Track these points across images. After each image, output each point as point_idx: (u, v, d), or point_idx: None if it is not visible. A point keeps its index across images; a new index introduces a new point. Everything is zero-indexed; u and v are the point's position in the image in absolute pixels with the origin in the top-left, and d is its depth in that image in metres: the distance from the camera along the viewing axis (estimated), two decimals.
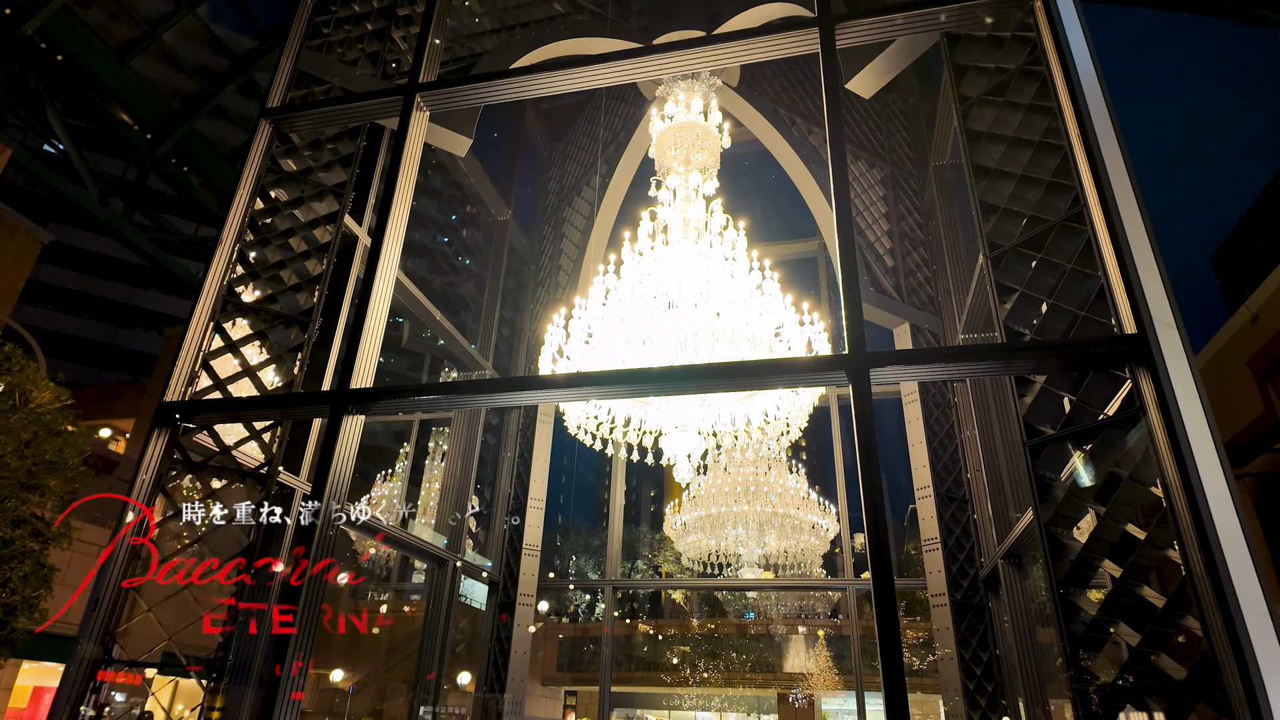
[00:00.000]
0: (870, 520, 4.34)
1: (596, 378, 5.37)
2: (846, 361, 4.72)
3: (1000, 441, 10.00)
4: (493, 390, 5.46)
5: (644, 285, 8.56)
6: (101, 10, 11.24)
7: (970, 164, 5.98)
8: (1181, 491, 4.05)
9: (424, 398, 5.53)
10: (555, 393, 5.41)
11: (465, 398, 5.59)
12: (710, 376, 5.15)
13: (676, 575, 34.52)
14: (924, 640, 28.29)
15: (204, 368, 6.34)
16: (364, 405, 5.53)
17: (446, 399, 5.61)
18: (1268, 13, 12.21)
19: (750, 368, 5.27)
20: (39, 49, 10.88)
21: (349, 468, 5.58)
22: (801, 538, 14.96)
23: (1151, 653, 4.21)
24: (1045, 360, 4.67)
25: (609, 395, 5.24)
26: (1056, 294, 5.15)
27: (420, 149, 6.98)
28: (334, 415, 5.44)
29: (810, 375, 4.86)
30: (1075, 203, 5.25)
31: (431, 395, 5.54)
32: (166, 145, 12.46)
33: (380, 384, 6.29)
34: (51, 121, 11.70)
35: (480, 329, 12.55)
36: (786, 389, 7.85)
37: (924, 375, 4.92)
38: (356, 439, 5.74)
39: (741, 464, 14.83)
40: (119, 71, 11.34)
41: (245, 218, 6.85)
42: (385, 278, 6.14)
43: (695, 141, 10.33)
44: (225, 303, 6.65)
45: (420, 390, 5.52)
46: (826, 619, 27.48)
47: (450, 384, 5.17)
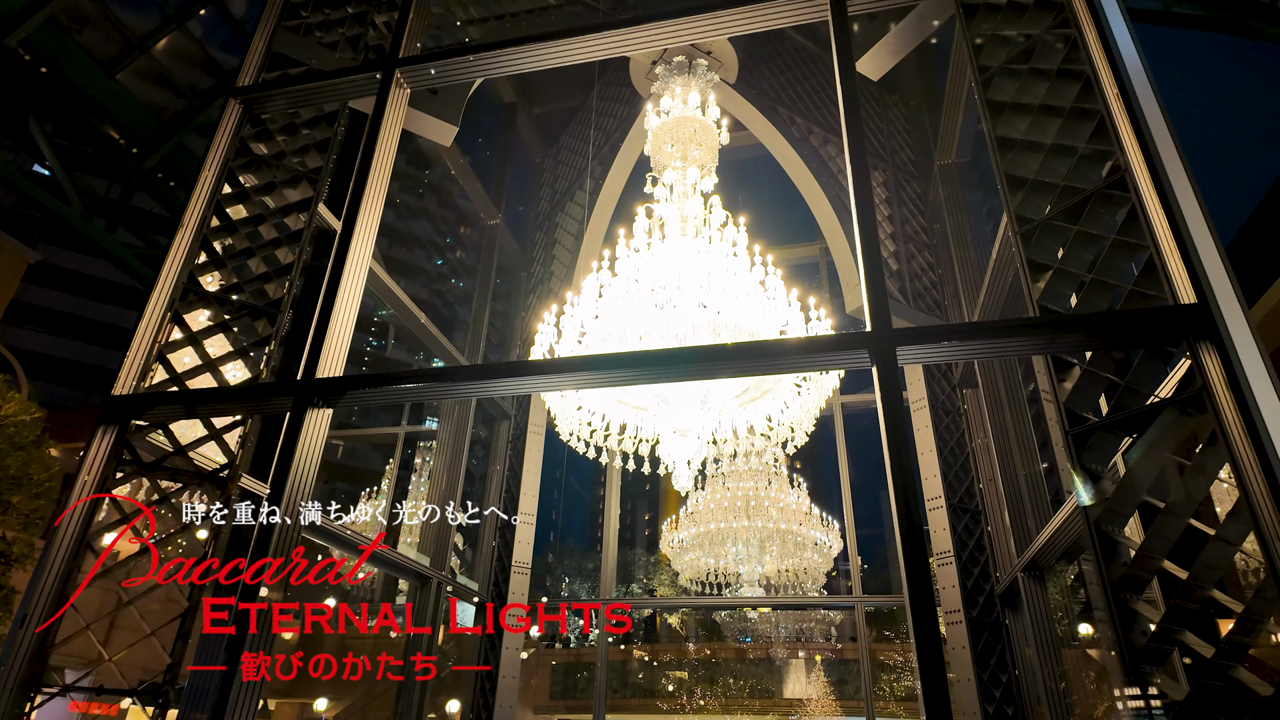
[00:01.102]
0: (903, 516, 3.80)
1: (593, 362, 4.83)
2: (870, 340, 4.21)
3: (1016, 447, 9.49)
4: (476, 378, 4.92)
5: (640, 280, 8.07)
6: (91, 28, 10.88)
7: (994, 138, 5.52)
8: (1261, 478, 3.52)
9: (400, 387, 4.97)
10: (546, 379, 4.90)
11: (445, 386, 5.03)
12: (716, 359, 4.63)
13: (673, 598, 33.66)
14: None
15: (159, 361, 5.79)
16: (330, 397, 4.98)
17: (425, 387, 5.05)
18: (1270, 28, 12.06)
19: (761, 348, 4.74)
20: (23, 61, 10.46)
21: (312, 468, 5.02)
22: (804, 555, 14.35)
23: (1229, 665, 3.66)
24: (1093, 334, 4.16)
25: (606, 381, 4.73)
26: (1097, 268, 4.66)
27: (399, 129, 6.50)
28: (297, 408, 4.89)
29: (829, 356, 4.35)
30: (1115, 169, 4.78)
31: (408, 384, 4.99)
32: (153, 160, 11.98)
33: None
34: (35, 135, 11.22)
35: (469, 336, 12.01)
36: (792, 378, 7.35)
37: (957, 354, 4.43)
38: (322, 436, 5.18)
39: (741, 477, 14.26)
40: (106, 85, 10.92)
41: (209, 201, 6.34)
42: (358, 258, 5.63)
43: (692, 137, 9.90)
44: (186, 292, 6.11)
45: (395, 379, 4.97)
46: (825, 643, 26.72)
47: (429, 370, 4.65)
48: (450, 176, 11.91)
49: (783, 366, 4.64)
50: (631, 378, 4.89)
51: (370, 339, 40.30)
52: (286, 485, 4.71)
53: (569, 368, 4.87)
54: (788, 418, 8.82)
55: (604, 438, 9.02)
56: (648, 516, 66.97)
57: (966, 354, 4.38)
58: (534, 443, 12.03)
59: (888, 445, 3.95)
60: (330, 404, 5.05)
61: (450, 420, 11.22)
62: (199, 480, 5.67)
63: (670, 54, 10.61)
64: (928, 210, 12.09)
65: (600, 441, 8.97)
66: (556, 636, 33.39)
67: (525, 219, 13.96)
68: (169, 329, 5.90)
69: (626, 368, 4.75)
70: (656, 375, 4.82)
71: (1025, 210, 5.16)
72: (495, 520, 11.90)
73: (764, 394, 8.88)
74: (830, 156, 12.28)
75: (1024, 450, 9.53)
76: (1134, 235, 4.59)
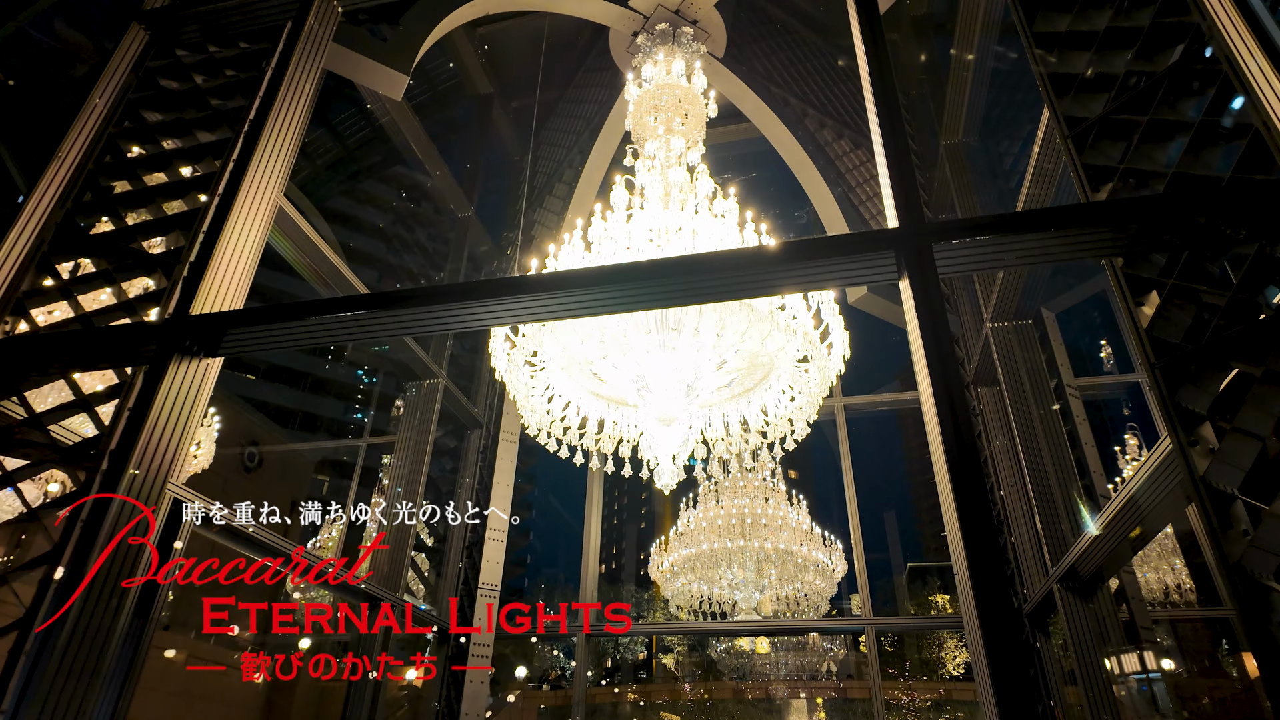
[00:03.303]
0: (952, 457, 2.74)
1: (560, 280, 3.73)
2: (895, 238, 3.19)
3: (1045, 446, 8.43)
4: (419, 303, 3.78)
5: (618, 243, 7.06)
6: None
7: (1030, 38, 4.58)
8: None
9: (307, 321, 3.85)
10: (498, 305, 3.79)
11: (371, 319, 3.88)
12: (701, 271, 3.57)
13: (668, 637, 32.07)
14: (938, 701, 25.96)
15: (17, 313, 4.71)
16: (209, 339, 3.89)
17: (346, 320, 3.91)
18: None
19: (757, 255, 3.68)
20: None
21: (183, 434, 3.92)
22: (805, 579, 13.10)
23: None
24: (1195, 211, 3.12)
25: (576, 307, 3.68)
26: (1180, 160, 3.66)
27: (324, 50, 5.53)
28: (160, 356, 3.80)
29: (843, 263, 3.29)
30: (1194, 42, 3.81)
31: (319, 316, 3.86)
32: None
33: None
34: None
35: (434, 337, 10.95)
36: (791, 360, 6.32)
37: (1013, 255, 3.35)
38: (203, 395, 4.08)
39: (737, 493, 13.07)
40: None
41: (97, 132, 5.32)
42: (263, 177, 4.59)
43: (676, 106, 8.98)
44: (63, 234, 5.07)
45: (299, 310, 3.86)
46: (828, 680, 25.22)
47: (347, 299, 3.58)
48: (419, 163, 10.96)
49: (785, 279, 3.59)
50: (605, 299, 3.84)
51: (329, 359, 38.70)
52: (136, 457, 3.60)
53: (529, 287, 3.80)
54: (785, 410, 7.78)
55: (579, 435, 7.96)
56: (642, 555, 65.08)
57: (1024, 257, 3.34)
58: (506, 451, 10.91)
59: (933, 377, 2.91)
60: (211, 351, 3.97)
61: (411, 426, 10.10)
62: (59, 457, 4.56)
63: (653, 22, 9.79)
64: (933, 196, 11.19)
65: (575, 440, 7.90)
66: (545, 678, 31.76)
67: (503, 212, 13.02)
68: (33, 277, 4.84)
69: (599, 285, 3.69)
70: (633, 295, 3.77)
71: (1075, 110, 4.18)
72: (464, 538, 10.71)
73: (760, 381, 7.84)
74: (828, 141, 11.43)
75: (1054, 449, 8.48)
76: (1220, 114, 3.60)
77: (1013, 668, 2.63)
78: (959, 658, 29.11)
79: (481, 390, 11.85)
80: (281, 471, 25.84)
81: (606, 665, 34.12)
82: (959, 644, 29.33)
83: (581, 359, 7.25)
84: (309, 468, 28.82)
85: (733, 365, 7.28)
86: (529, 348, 6.93)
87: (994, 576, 2.76)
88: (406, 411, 10.17)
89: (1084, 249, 3.33)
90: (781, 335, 6.58)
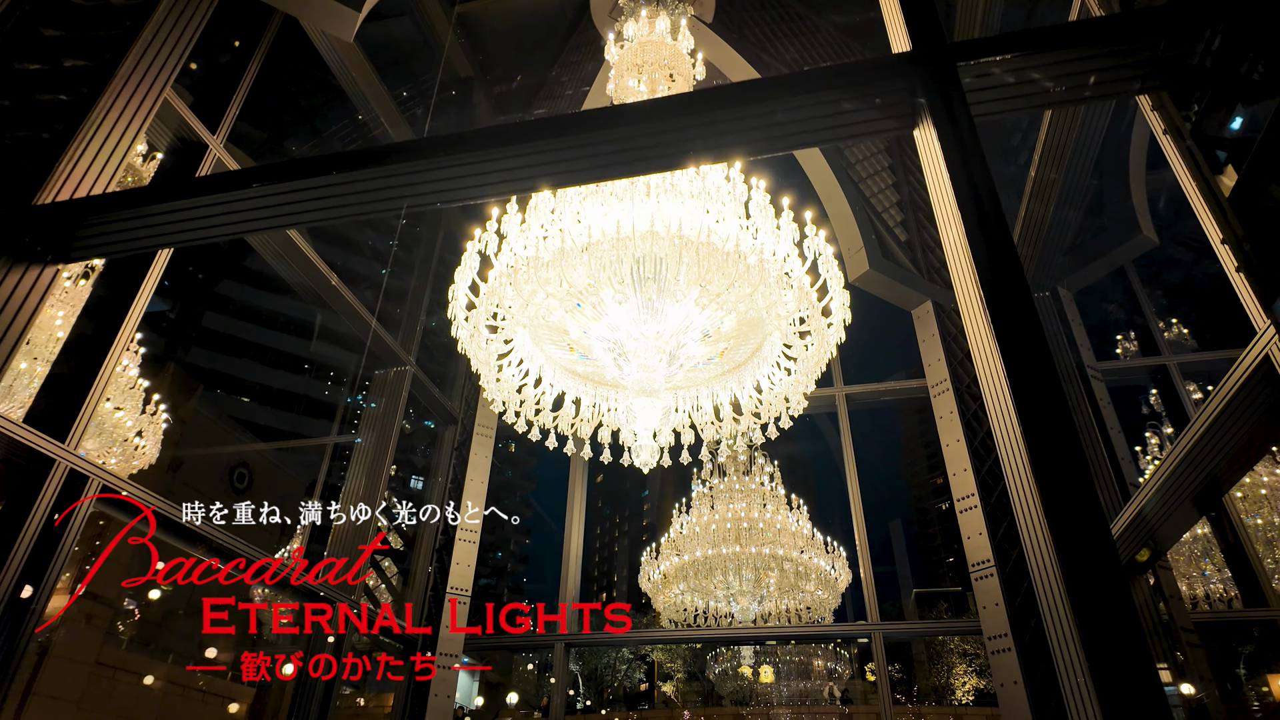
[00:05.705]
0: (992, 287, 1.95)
1: (547, 126, 2.95)
2: (910, 64, 2.42)
3: None
4: (353, 165, 2.98)
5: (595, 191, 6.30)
6: None
7: None
8: None
9: (201, 200, 3.05)
10: (462, 163, 2.97)
11: (293, 193, 3.07)
12: (690, 110, 2.77)
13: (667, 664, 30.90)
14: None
15: None
16: (59, 234, 3.08)
17: (257, 198, 3.10)
18: None
19: (750, 88, 2.87)
20: None
21: None
22: (806, 588, 12.19)
23: None
24: None
25: (546, 171, 2.89)
26: None
27: None
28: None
29: (857, 88, 2.48)
30: None
31: (221, 193, 3.06)
32: None
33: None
34: None
35: (405, 320, 10.20)
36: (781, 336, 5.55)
37: (1051, 81, 2.54)
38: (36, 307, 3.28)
39: (732, 497, 12.21)
40: None
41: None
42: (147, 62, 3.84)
43: (661, 64, 8.30)
44: None
45: (192, 188, 3.05)
46: (832, 704, 24.05)
47: (258, 169, 2.84)
48: (386, 133, 10.29)
49: (782, 124, 2.77)
50: (561, 157, 3.04)
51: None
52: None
53: (498, 140, 2.99)
54: (781, 387, 7.00)
55: (553, 419, 7.17)
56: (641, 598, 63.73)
57: (1060, 74, 2.53)
58: (480, 446, 10.09)
59: (967, 196, 2.13)
60: (62, 253, 3.18)
61: (375, 416, 9.30)
62: None
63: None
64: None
65: (548, 423, 7.12)
66: (536, 705, 30.58)
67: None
68: None
69: (556, 135, 2.90)
70: (599, 156, 2.96)
71: None
72: (433, 542, 9.86)
73: (753, 353, 7.04)
74: None
75: (1083, 434, 7.69)
76: None
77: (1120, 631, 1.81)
78: (969, 684, 28.02)
79: (458, 385, 11.08)
80: (269, 492, 25.74)
81: (606, 696, 32.87)
82: (968, 669, 28.25)
83: (553, 322, 6.46)
84: (299, 487, 28.28)
85: (723, 330, 6.49)
86: (490, 306, 6.15)
87: (1080, 496, 1.96)
88: (371, 398, 9.38)
89: (1135, 64, 2.55)
90: (774, 289, 5.80)
